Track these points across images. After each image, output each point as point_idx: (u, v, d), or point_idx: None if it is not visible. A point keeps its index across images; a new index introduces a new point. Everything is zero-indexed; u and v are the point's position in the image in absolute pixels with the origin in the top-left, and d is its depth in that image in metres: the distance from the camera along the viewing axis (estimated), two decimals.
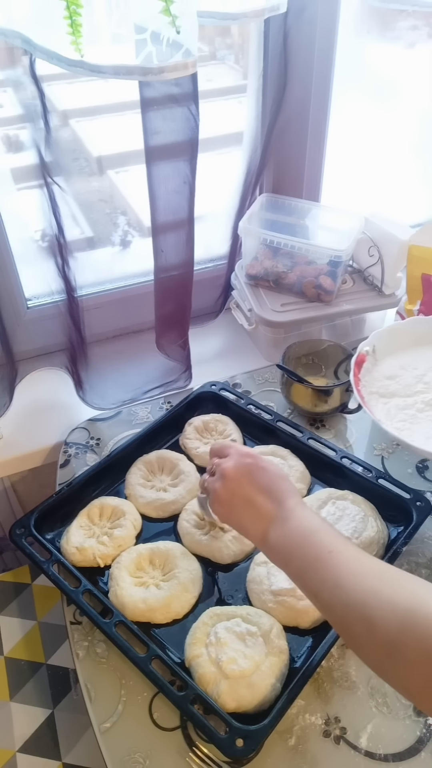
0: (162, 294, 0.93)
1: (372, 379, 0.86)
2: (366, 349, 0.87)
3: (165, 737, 0.64)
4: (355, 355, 0.85)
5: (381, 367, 0.88)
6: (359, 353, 0.86)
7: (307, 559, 0.55)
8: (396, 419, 0.80)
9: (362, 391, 0.83)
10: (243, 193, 1.05)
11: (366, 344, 0.88)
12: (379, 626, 0.46)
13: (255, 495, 0.62)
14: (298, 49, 0.94)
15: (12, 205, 0.91)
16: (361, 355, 0.86)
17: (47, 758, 0.86)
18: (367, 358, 0.87)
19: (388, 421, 0.79)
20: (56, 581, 0.73)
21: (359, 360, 0.86)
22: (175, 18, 0.63)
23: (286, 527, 0.58)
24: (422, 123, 1.17)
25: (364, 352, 0.87)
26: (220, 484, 0.64)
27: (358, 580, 0.50)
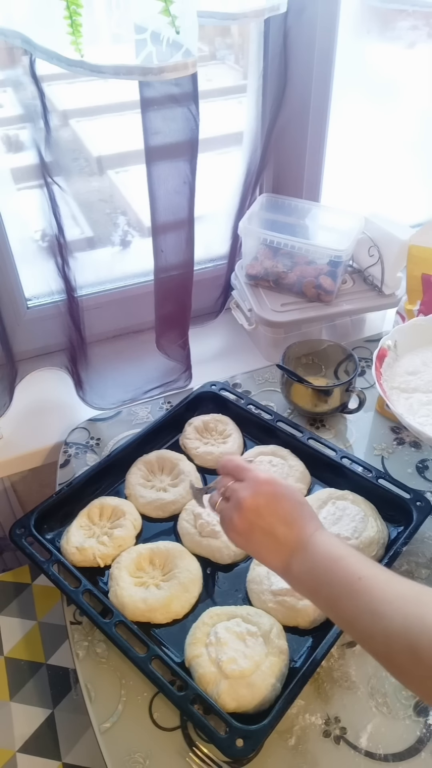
0: (162, 294, 0.93)
1: (393, 374, 0.85)
2: (388, 343, 0.85)
3: (165, 737, 0.64)
4: (377, 350, 0.84)
5: (402, 362, 0.86)
6: (381, 348, 0.84)
7: (337, 587, 0.53)
8: (418, 414, 0.79)
9: (384, 385, 0.81)
10: (243, 193, 1.05)
11: (388, 338, 0.86)
12: (425, 654, 0.44)
13: (275, 525, 0.59)
14: (298, 49, 0.94)
15: (12, 205, 0.91)
16: (382, 350, 0.84)
17: (47, 758, 0.86)
18: (389, 353, 0.85)
19: (411, 416, 0.78)
20: (56, 581, 0.73)
21: (381, 354, 0.84)
22: (175, 18, 0.63)
23: (309, 556, 0.56)
24: (422, 123, 1.17)
25: (386, 347, 0.85)
26: (238, 515, 0.60)
27: (396, 606, 0.48)
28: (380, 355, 0.84)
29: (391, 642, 0.47)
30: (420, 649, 0.45)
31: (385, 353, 0.84)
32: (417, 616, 0.46)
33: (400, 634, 0.46)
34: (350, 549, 0.56)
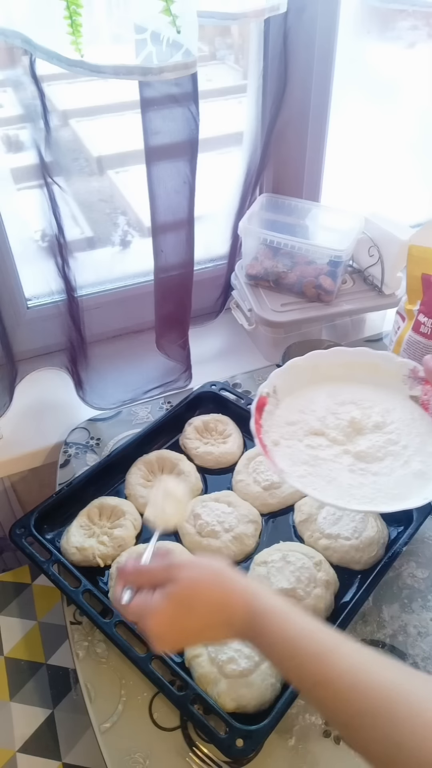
0: (162, 294, 0.93)
1: (274, 425, 0.75)
2: (266, 390, 0.76)
3: (165, 737, 0.64)
4: (256, 399, 0.74)
5: (281, 410, 0.77)
6: (260, 396, 0.74)
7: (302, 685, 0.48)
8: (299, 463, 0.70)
9: (264, 439, 0.71)
10: (243, 193, 1.05)
11: (265, 386, 0.76)
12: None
13: (201, 634, 0.53)
14: (298, 49, 0.94)
15: (12, 205, 0.91)
16: (261, 399, 0.74)
17: (47, 758, 0.86)
18: (269, 400, 0.75)
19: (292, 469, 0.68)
20: (56, 581, 0.73)
21: (260, 404, 0.73)
22: (175, 18, 0.63)
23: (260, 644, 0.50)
24: (422, 123, 1.17)
25: (265, 394, 0.75)
26: (157, 643, 0.53)
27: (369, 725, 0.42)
28: (259, 405, 0.74)
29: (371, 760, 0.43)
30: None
31: (265, 401, 0.75)
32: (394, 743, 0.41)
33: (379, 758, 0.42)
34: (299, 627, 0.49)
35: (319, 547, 0.77)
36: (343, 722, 0.44)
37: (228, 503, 0.82)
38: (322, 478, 0.67)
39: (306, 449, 0.71)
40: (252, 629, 0.50)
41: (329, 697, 0.44)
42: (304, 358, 0.80)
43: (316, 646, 0.47)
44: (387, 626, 0.72)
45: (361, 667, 0.45)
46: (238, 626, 0.51)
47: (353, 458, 0.69)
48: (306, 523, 0.80)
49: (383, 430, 0.72)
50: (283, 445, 0.72)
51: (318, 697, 0.46)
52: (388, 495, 0.65)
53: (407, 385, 0.77)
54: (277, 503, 0.84)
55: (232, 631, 0.52)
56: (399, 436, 0.71)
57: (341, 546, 0.76)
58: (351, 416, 0.73)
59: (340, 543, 0.77)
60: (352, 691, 0.43)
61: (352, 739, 0.44)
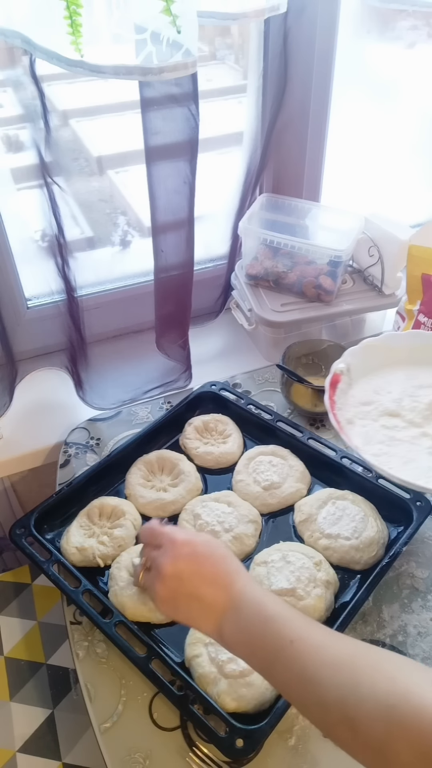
0: (162, 294, 0.93)
1: (347, 404, 0.77)
2: (340, 367, 0.79)
3: (165, 737, 0.64)
4: (330, 376, 0.76)
5: (355, 390, 0.79)
6: (334, 373, 0.77)
7: (271, 651, 0.49)
8: (374, 442, 0.73)
9: (338, 415, 0.74)
10: (243, 193, 1.05)
11: (340, 362, 0.79)
12: (362, 727, 0.41)
13: (199, 587, 0.55)
14: (298, 49, 0.94)
15: (12, 205, 0.91)
16: (335, 375, 0.77)
17: (47, 758, 0.86)
18: (342, 378, 0.78)
19: (366, 447, 0.71)
20: (56, 581, 0.73)
21: (334, 381, 0.76)
22: (175, 18, 0.63)
23: (239, 616, 0.53)
24: (422, 123, 1.17)
25: (339, 371, 0.78)
26: (160, 584, 0.57)
27: (330, 674, 0.45)
28: (333, 382, 0.76)
29: (327, 712, 0.44)
30: (357, 721, 0.41)
31: (338, 379, 0.77)
32: (351, 684, 0.43)
33: (335, 704, 0.43)
34: (281, 605, 0.52)
35: (319, 547, 0.77)
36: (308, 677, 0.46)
37: (228, 503, 0.82)
38: (399, 458, 0.69)
39: (381, 429, 0.72)
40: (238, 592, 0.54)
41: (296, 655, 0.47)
42: (378, 338, 0.82)
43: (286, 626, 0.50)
44: (387, 626, 0.72)
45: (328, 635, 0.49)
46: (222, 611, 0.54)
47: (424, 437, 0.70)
48: (306, 523, 0.80)
49: None
50: (357, 424, 0.74)
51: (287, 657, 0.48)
52: None
53: None
54: (277, 503, 0.84)
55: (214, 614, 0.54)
56: None
57: (341, 546, 0.76)
58: (430, 399, 0.74)
59: (340, 543, 0.77)
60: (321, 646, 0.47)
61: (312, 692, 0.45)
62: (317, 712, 0.45)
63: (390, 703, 0.40)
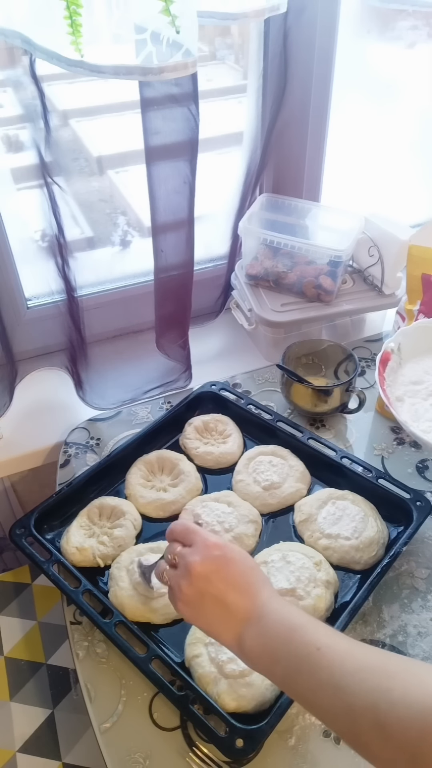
0: (162, 294, 0.93)
1: (396, 383, 0.80)
2: (391, 346, 0.80)
3: (165, 737, 0.64)
4: (381, 353, 0.78)
5: (405, 370, 0.81)
6: (384, 351, 0.79)
7: (295, 660, 0.48)
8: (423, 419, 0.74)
9: (388, 392, 0.76)
10: (243, 193, 1.05)
11: (391, 341, 0.81)
12: (395, 731, 0.40)
13: (226, 593, 0.54)
14: (298, 49, 0.94)
15: (12, 205, 0.91)
16: (386, 353, 0.79)
17: (47, 758, 0.86)
18: (392, 356, 0.80)
19: (415, 423, 0.73)
20: (56, 581, 0.73)
21: (384, 358, 0.79)
22: (175, 18, 0.63)
23: (263, 627, 0.52)
24: (422, 123, 1.17)
25: (389, 350, 0.80)
26: (186, 582, 0.55)
27: (360, 679, 0.44)
28: (383, 359, 0.78)
29: (356, 719, 0.43)
30: (388, 727, 0.40)
31: (389, 357, 0.79)
32: (382, 689, 0.42)
33: (365, 710, 0.42)
34: (307, 616, 0.52)
35: (319, 547, 0.77)
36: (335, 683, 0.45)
37: (228, 503, 0.82)
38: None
39: (431, 408, 0.74)
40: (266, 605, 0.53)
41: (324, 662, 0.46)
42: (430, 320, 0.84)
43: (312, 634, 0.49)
44: (387, 626, 0.72)
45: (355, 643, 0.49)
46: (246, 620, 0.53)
47: None
48: (306, 523, 0.80)
49: None
50: (407, 402, 0.76)
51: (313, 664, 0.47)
52: None
53: None
54: (277, 503, 0.84)
55: (238, 622, 0.54)
56: None
57: (341, 546, 0.76)
58: None
59: (340, 543, 0.77)
60: (348, 653, 0.47)
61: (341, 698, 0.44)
62: (345, 719, 0.44)
63: (424, 707, 0.39)
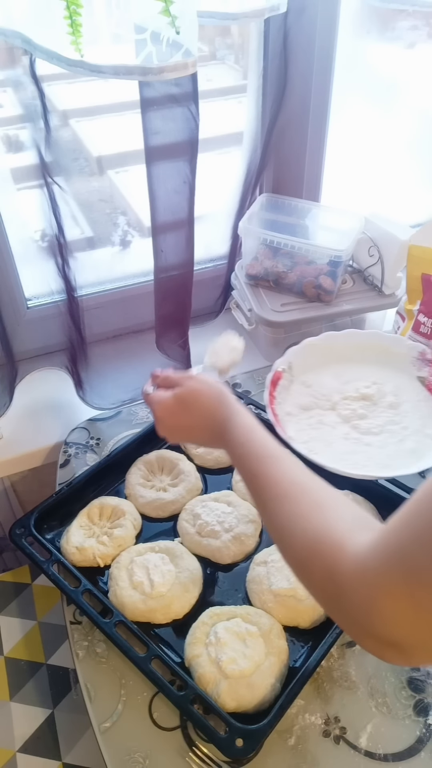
0: (162, 294, 0.93)
1: (288, 398, 0.85)
2: (281, 367, 0.85)
3: (165, 737, 0.64)
4: (271, 373, 0.84)
5: (296, 386, 0.87)
6: (275, 371, 0.85)
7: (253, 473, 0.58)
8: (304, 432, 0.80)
9: (276, 409, 0.81)
10: (243, 193, 1.05)
11: (281, 363, 0.86)
12: (294, 546, 0.50)
13: (191, 433, 0.70)
14: (298, 49, 0.94)
15: (12, 205, 0.91)
16: (276, 373, 0.85)
17: (47, 758, 0.86)
18: (284, 375, 0.86)
19: (298, 435, 0.79)
20: (56, 581, 0.73)
21: (275, 378, 0.84)
22: (174, 18, 0.63)
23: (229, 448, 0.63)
24: (422, 123, 1.17)
25: (280, 370, 0.85)
26: (158, 427, 0.71)
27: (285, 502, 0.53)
28: (274, 380, 0.84)
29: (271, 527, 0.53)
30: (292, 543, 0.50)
31: (280, 376, 0.85)
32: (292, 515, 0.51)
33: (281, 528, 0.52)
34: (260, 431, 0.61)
35: None
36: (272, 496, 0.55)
37: (228, 503, 0.82)
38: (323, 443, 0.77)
39: (314, 422, 0.81)
40: (225, 437, 0.64)
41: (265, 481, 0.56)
42: (319, 338, 0.89)
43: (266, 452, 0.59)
44: None
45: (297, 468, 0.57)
46: (218, 433, 0.65)
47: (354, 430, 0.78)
48: None
49: (392, 410, 0.81)
50: (294, 416, 0.82)
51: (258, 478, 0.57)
52: (379, 464, 0.73)
53: (415, 366, 0.85)
54: None
55: (213, 436, 0.66)
56: (402, 417, 0.79)
57: None
58: (360, 393, 0.82)
59: None
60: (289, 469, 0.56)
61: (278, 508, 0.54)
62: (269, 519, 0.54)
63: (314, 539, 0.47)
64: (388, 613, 0.38)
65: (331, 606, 0.45)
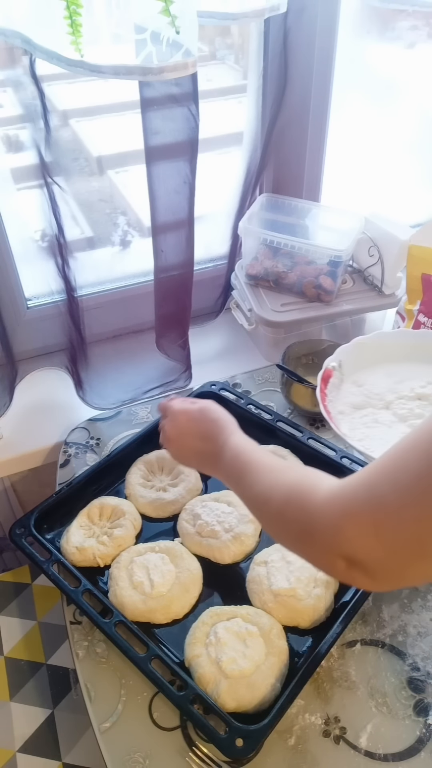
0: (162, 294, 0.93)
1: (340, 396, 0.86)
2: (332, 364, 0.86)
3: (165, 737, 0.64)
4: (322, 371, 0.84)
5: (346, 385, 0.88)
6: (325, 369, 0.85)
7: (237, 476, 0.64)
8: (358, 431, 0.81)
9: (329, 407, 0.82)
10: (243, 193, 1.05)
11: (332, 359, 0.87)
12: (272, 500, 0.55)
13: (196, 444, 0.72)
14: (298, 49, 0.94)
15: (12, 205, 0.91)
16: (327, 371, 0.85)
17: (47, 758, 0.86)
18: (334, 373, 0.86)
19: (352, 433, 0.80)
20: (56, 581, 0.73)
21: (325, 376, 0.85)
22: (174, 18, 0.63)
23: (222, 461, 0.67)
24: (422, 123, 1.17)
25: (331, 368, 0.86)
26: (168, 446, 0.76)
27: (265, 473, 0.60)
28: (325, 377, 0.85)
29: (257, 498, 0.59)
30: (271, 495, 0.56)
31: (330, 374, 0.86)
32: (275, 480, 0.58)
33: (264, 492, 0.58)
34: (254, 451, 0.65)
35: None
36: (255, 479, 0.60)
37: (228, 503, 0.82)
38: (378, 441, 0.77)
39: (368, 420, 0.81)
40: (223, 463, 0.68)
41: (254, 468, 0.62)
42: (369, 336, 0.90)
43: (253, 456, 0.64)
44: (387, 626, 0.72)
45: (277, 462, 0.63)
46: (216, 458, 0.68)
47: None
48: None
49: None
50: (347, 414, 0.83)
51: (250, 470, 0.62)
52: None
53: None
54: None
55: (212, 461, 0.69)
56: None
57: None
58: (416, 393, 0.82)
59: None
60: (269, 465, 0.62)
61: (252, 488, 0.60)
62: (253, 501, 0.60)
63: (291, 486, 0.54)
64: (352, 534, 0.44)
65: (303, 539, 0.51)
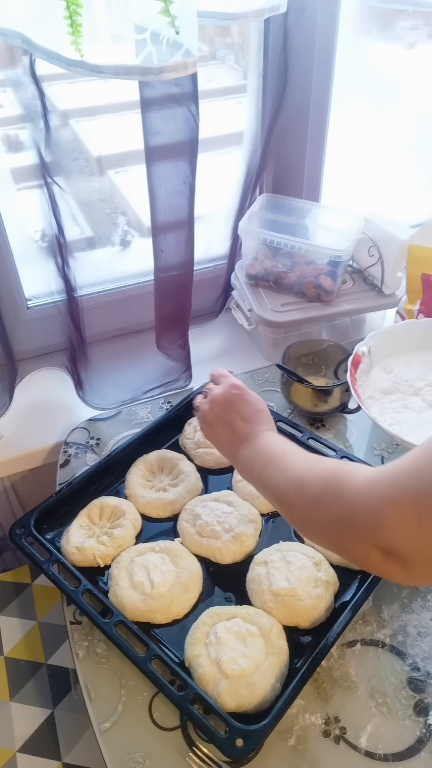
0: (162, 294, 0.93)
1: (369, 382, 0.89)
2: (362, 350, 0.89)
3: (165, 737, 0.64)
4: (352, 356, 0.87)
5: (376, 371, 0.91)
6: (356, 354, 0.88)
7: (266, 460, 0.64)
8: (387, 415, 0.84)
9: (359, 391, 0.85)
10: (243, 193, 1.05)
11: (362, 345, 0.89)
12: (308, 486, 0.55)
13: (235, 421, 0.70)
14: (298, 49, 0.94)
15: (12, 205, 0.91)
16: (357, 356, 0.88)
17: (47, 758, 0.86)
18: (363, 359, 0.89)
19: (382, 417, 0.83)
20: (56, 581, 0.73)
21: (355, 360, 0.88)
22: (174, 18, 0.63)
23: (254, 444, 0.67)
24: (422, 123, 1.17)
25: (360, 353, 0.88)
26: (208, 407, 0.73)
27: (299, 462, 0.60)
28: (355, 362, 0.88)
29: (288, 484, 0.58)
30: (305, 482, 0.56)
31: (360, 359, 0.88)
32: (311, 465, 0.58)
33: (295, 478, 0.58)
34: (287, 440, 0.66)
35: (320, 547, 0.77)
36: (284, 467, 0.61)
37: (228, 503, 0.82)
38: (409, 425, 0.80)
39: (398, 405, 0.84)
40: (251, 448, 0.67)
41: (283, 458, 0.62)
42: (399, 324, 0.94)
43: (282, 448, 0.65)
44: (387, 626, 0.72)
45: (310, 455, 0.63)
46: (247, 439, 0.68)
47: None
48: None
49: None
50: (376, 399, 0.86)
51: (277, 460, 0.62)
52: None
53: None
54: None
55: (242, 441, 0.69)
56: None
57: None
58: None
59: None
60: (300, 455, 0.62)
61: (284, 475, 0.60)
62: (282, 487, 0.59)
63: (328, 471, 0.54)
64: (393, 522, 0.42)
65: (338, 528, 0.49)
